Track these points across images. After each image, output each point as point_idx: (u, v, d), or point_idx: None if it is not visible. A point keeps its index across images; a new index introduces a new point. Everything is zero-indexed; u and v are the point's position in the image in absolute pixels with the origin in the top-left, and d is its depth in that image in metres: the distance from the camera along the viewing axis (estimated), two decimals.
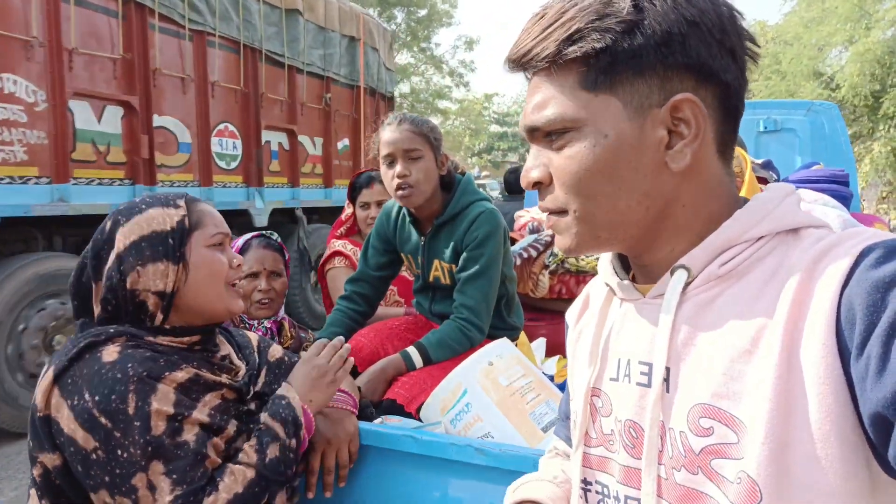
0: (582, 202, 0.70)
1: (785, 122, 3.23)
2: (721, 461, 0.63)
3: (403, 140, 1.76)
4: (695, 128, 0.67)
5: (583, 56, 0.66)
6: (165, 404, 1.06)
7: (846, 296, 0.57)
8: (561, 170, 0.70)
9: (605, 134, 0.67)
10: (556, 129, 0.70)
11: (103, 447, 1.01)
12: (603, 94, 0.67)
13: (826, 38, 14.15)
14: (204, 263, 1.19)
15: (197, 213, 1.22)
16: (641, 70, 0.66)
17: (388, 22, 25.76)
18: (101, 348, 1.09)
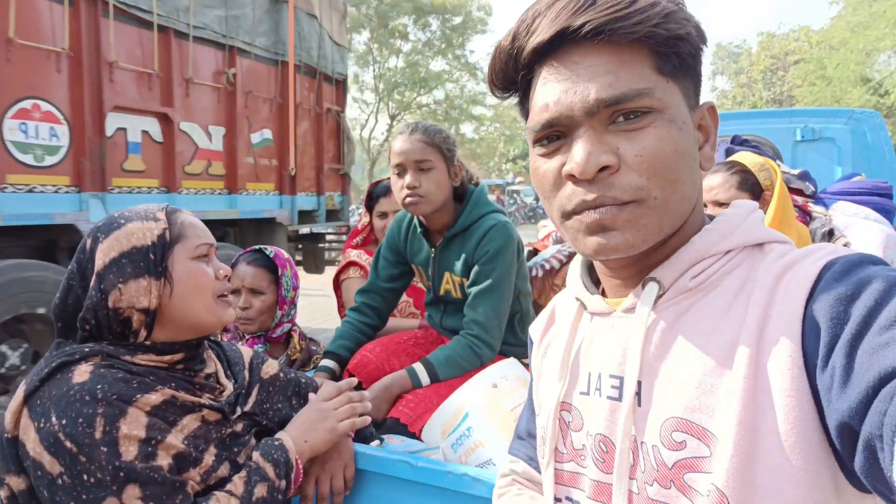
0: (664, 187, 0.65)
1: (824, 131, 3.09)
2: (694, 475, 0.63)
3: (414, 150, 1.71)
4: (714, 134, 0.71)
5: (677, 37, 0.65)
6: (136, 428, 1.02)
7: (810, 309, 0.58)
8: (648, 151, 0.64)
9: (683, 119, 0.67)
10: (643, 107, 0.64)
11: (68, 472, 0.97)
12: (672, 81, 0.67)
13: (874, 43, 13.70)
14: (189, 276, 1.15)
15: (178, 225, 1.18)
16: (693, 68, 0.68)
17: (422, 29, 25.97)
18: (73, 368, 1.05)
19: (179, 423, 1.09)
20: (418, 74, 26.26)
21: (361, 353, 1.83)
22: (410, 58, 26.32)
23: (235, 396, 1.24)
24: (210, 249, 1.20)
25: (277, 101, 5.92)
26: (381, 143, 28.11)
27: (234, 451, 1.18)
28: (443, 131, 1.76)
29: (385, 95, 26.73)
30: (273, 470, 1.16)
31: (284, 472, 1.17)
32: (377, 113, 27.55)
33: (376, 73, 26.63)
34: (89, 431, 0.98)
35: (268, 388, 1.36)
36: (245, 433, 1.24)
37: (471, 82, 27.61)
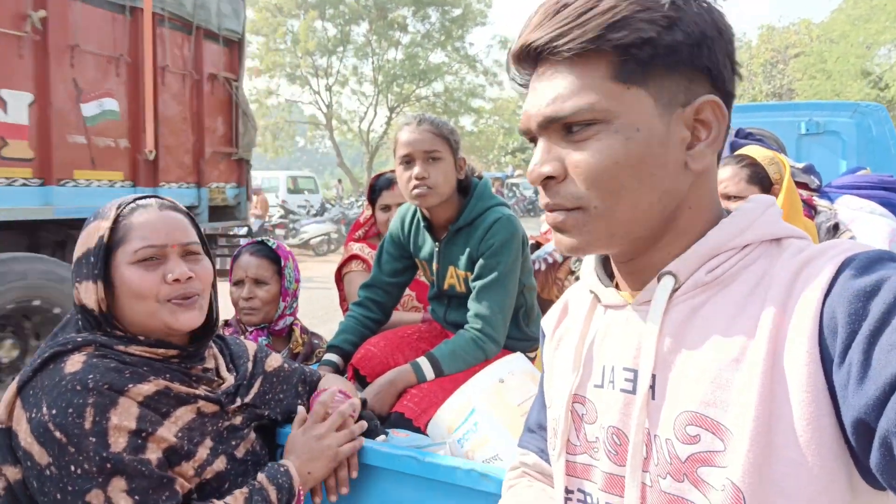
0: (604, 197, 0.67)
1: (828, 125, 3.07)
2: (707, 469, 0.63)
3: (423, 141, 1.69)
4: (716, 130, 0.68)
5: (626, 45, 0.64)
6: (126, 419, 1.01)
7: (828, 305, 0.58)
8: (585, 163, 0.67)
9: (637, 128, 0.66)
10: (583, 121, 0.67)
11: (56, 463, 0.96)
12: (635, 87, 0.66)
13: (874, 36, 13.67)
14: (124, 283, 1.11)
15: (126, 226, 1.13)
16: (674, 67, 0.66)
17: (422, 21, 25.87)
18: (66, 358, 1.05)
19: (173, 415, 1.09)
20: (417, 67, 26.16)
21: (365, 347, 1.82)
22: (410, 50, 26.22)
23: (236, 388, 1.23)
24: (162, 251, 1.14)
25: (126, 60, 4.34)
26: (380, 135, 28.04)
27: (232, 445, 1.17)
28: (448, 124, 1.76)
29: (384, 88, 26.63)
30: (276, 494, 1.14)
31: (286, 500, 1.15)
32: (376, 105, 27.47)
33: (375, 66, 26.53)
34: (79, 422, 0.97)
35: (271, 380, 1.35)
36: (244, 426, 1.23)
37: (470, 75, 27.52)
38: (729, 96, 0.70)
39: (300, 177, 20.51)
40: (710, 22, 0.66)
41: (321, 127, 28.37)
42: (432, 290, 1.96)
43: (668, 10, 0.64)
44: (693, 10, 0.66)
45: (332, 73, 26.42)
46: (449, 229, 1.77)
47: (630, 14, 0.64)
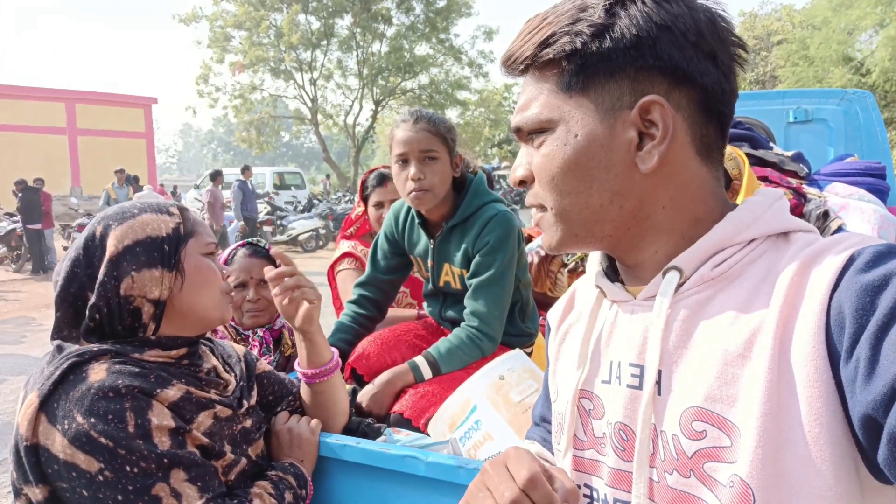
0: (556, 199, 0.72)
1: (816, 112, 3.08)
2: (714, 464, 0.63)
3: (419, 140, 1.67)
4: (662, 130, 0.68)
5: (556, 59, 0.69)
6: (164, 419, 1.04)
7: (835, 300, 0.58)
8: (538, 167, 0.73)
9: (576, 134, 0.70)
10: (535, 129, 0.73)
11: (109, 467, 0.97)
12: (577, 95, 0.69)
13: (855, 22, 13.75)
14: (200, 271, 1.18)
15: (191, 222, 1.22)
16: (612, 72, 0.68)
17: (406, 13, 25.70)
18: (86, 368, 1.04)
19: (196, 421, 1.10)
20: (403, 59, 26.00)
21: (361, 345, 1.81)
22: (394, 42, 26.05)
23: (240, 390, 1.25)
24: (216, 249, 1.24)
25: None
26: (365, 129, 27.88)
27: (244, 448, 1.19)
28: (446, 121, 1.73)
29: (369, 81, 26.47)
30: (295, 481, 1.20)
31: (303, 484, 1.22)
32: (361, 99, 27.29)
33: (360, 59, 26.35)
34: (122, 426, 0.98)
35: (262, 382, 1.38)
36: (255, 430, 1.25)
37: (455, 66, 27.40)
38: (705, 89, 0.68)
39: (286, 172, 20.41)
40: (649, 21, 0.66)
41: (306, 122, 28.17)
42: (427, 287, 1.95)
43: (597, 20, 0.67)
44: (632, 11, 0.66)
45: (317, 66, 26.21)
46: (444, 226, 1.76)
47: (558, 30, 0.69)
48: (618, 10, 0.67)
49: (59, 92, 20.72)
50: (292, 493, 1.18)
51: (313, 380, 1.36)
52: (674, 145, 0.68)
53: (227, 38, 25.06)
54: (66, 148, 20.87)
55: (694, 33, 0.67)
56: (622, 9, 0.67)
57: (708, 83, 0.68)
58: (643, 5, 0.67)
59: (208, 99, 25.66)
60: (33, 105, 18.89)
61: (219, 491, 1.06)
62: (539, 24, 0.71)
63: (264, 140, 26.59)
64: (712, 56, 0.68)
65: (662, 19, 0.66)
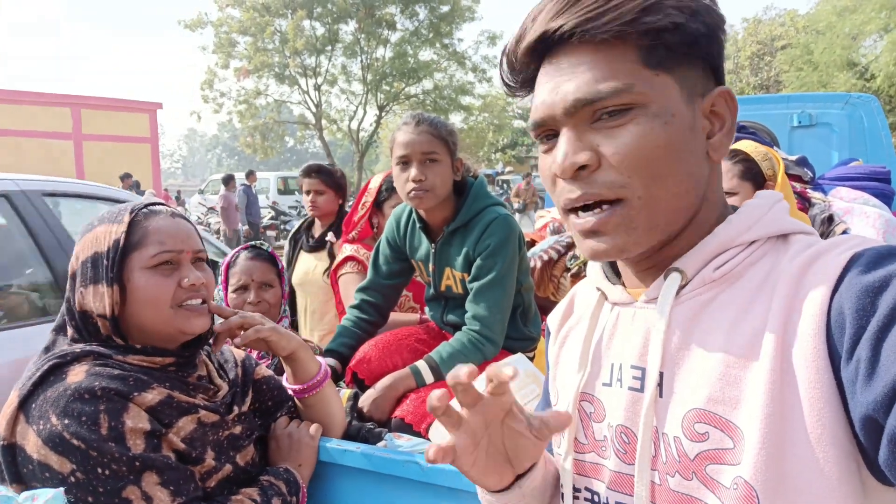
0: (648, 184, 0.65)
1: (820, 116, 3.07)
2: (717, 467, 0.63)
3: (421, 142, 1.67)
4: (729, 120, 0.69)
5: (658, 28, 0.63)
6: (140, 422, 1.03)
7: (836, 301, 0.58)
8: (626, 148, 0.64)
9: (672, 113, 0.65)
10: (621, 104, 0.64)
11: (81, 468, 0.97)
12: (663, 73, 0.65)
13: (860, 27, 13.74)
14: (140, 287, 1.11)
15: (141, 230, 1.13)
16: (696, 56, 0.67)
17: (410, 18, 25.77)
18: (67, 369, 1.05)
19: (175, 426, 1.09)
20: (406, 64, 26.07)
21: (363, 350, 1.81)
22: (398, 48, 26.12)
23: (231, 396, 1.24)
24: (177, 256, 1.15)
25: None
26: (369, 134, 27.93)
27: (231, 455, 1.17)
28: (448, 124, 1.73)
29: (373, 86, 26.54)
30: (285, 487, 1.19)
31: (295, 490, 1.21)
32: (365, 104, 27.36)
33: (364, 64, 26.43)
34: (94, 428, 0.98)
35: (261, 388, 1.37)
36: (244, 437, 1.23)
37: (459, 72, 27.46)
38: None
39: (290, 177, 20.43)
40: (718, 19, 0.67)
41: (310, 127, 28.23)
42: (429, 291, 1.94)
43: (689, 2, 0.64)
44: (704, 4, 0.66)
45: (321, 72, 26.29)
46: (445, 230, 1.76)
47: (655, 2, 0.63)
48: None
49: (65, 97, 20.84)
50: (281, 499, 1.17)
51: (302, 395, 1.36)
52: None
53: (231, 43, 25.17)
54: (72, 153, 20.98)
55: (723, 40, 0.69)
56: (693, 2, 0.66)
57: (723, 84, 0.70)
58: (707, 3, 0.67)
59: (213, 104, 25.76)
60: (39, 110, 19.00)
61: (193, 496, 1.05)
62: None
63: (269, 145, 26.66)
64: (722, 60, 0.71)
65: (720, 19, 0.68)
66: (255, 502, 1.12)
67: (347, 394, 1.65)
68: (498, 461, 0.71)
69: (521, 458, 0.71)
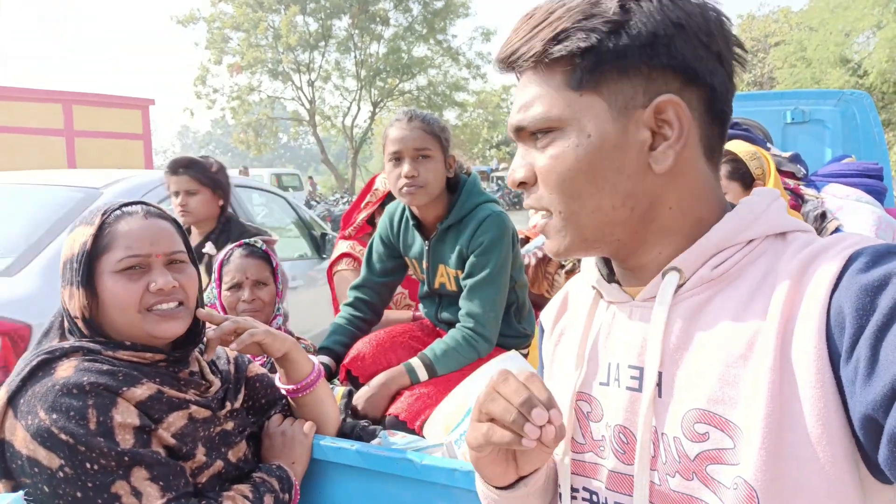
0: (566, 202, 0.69)
1: (813, 113, 3.08)
2: (717, 467, 0.63)
3: (413, 138, 1.67)
4: (678, 129, 0.66)
5: (568, 55, 0.66)
6: (129, 416, 1.02)
7: (835, 300, 0.57)
8: (545, 169, 0.70)
9: (588, 133, 0.67)
10: (541, 129, 0.69)
11: (69, 463, 0.97)
12: (588, 93, 0.67)
13: (853, 24, 13.78)
14: (107, 292, 1.11)
15: (110, 234, 1.12)
16: (626, 70, 0.66)
17: (404, 14, 25.71)
18: (55, 364, 1.04)
19: (165, 421, 1.09)
20: (400, 60, 26.02)
21: (356, 347, 1.80)
22: (392, 44, 26.06)
23: (224, 391, 1.23)
24: (146, 260, 1.13)
25: None
26: (363, 130, 27.88)
27: (222, 451, 1.17)
28: (440, 121, 1.73)
29: (367, 82, 26.48)
30: (278, 484, 1.18)
31: (288, 487, 1.20)
32: (359, 100, 27.30)
33: (357, 60, 26.36)
34: (83, 423, 0.98)
35: (254, 385, 1.36)
36: (236, 433, 1.23)
37: (453, 68, 27.43)
38: (714, 90, 0.67)
39: (284, 174, 20.38)
40: (663, 20, 0.64)
41: (304, 123, 28.18)
42: (423, 288, 1.94)
43: (612, 16, 0.65)
44: (646, 8, 0.65)
45: (315, 68, 26.23)
46: (438, 227, 1.75)
47: (570, 25, 0.65)
48: (632, 6, 0.65)
49: (57, 93, 20.68)
50: (273, 496, 1.16)
51: (296, 394, 1.35)
52: (685, 145, 0.67)
53: (224, 39, 25.08)
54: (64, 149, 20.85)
55: (705, 33, 0.66)
56: (636, 4, 0.65)
57: (716, 83, 0.67)
58: (658, 2, 0.65)
59: (206, 100, 25.67)
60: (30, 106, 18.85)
61: (183, 491, 1.04)
62: (546, 19, 0.67)
63: (262, 141, 26.59)
64: (719, 56, 0.67)
65: (678, 17, 0.65)
66: (248, 499, 1.12)
67: (342, 391, 1.64)
68: (506, 459, 0.74)
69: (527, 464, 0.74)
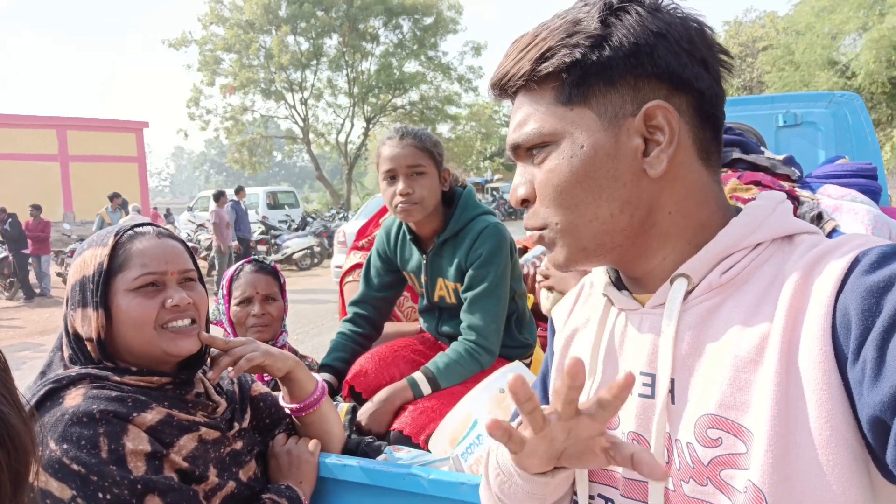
0: (563, 213, 0.71)
1: (805, 116, 3.09)
2: (731, 471, 0.63)
3: (406, 156, 1.67)
4: (669, 133, 0.68)
5: (555, 71, 0.69)
6: (140, 443, 1.01)
7: (841, 302, 0.58)
8: (542, 183, 0.72)
9: (581, 145, 0.69)
10: (536, 144, 0.72)
11: (81, 493, 0.96)
12: (578, 107, 0.69)
13: (839, 26, 13.90)
14: (123, 310, 1.10)
15: (125, 253, 1.13)
16: (613, 81, 0.68)
17: (394, 30, 25.88)
18: (63, 393, 1.04)
19: (177, 444, 1.08)
20: (392, 76, 26.16)
21: (359, 362, 1.80)
22: (383, 60, 26.21)
23: (231, 412, 1.22)
24: (162, 278, 1.14)
25: None
26: (357, 146, 27.95)
27: (234, 472, 1.16)
28: (432, 136, 1.73)
29: (359, 99, 26.59)
30: None
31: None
32: (353, 117, 27.42)
33: (349, 77, 26.49)
34: (94, 451, 0.97)
35: (258, 405, 1.36)
36: (246, 453, 1.22)
37: (445, 82, 27.57)
38: (702, 94, 0.69)
39: (279, 192, 20.38)
40: (645, 30, 0.67)
41: (298, 141, 28.24)
42: (422, 302, 1.94)
43: (594, 31, 0.67)
44: (627, 21, 0.67)
45: (307, 86, 26.34)
46: (435, 241, 1.75)
47: (555, 44, 0.68)
48: (612, 21, 0.68)
49: (51, 119, 20.73)
50: None
51: (300, 413, 1.34)
52: (679, 149, 0.69)
53: (217, 61, 25.20)
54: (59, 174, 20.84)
55: (686, 41, 0.68)
56: (617, 19, 0.68)
57: (703, 87, 0.69)
58: (637, 15, 0.68)
59: (200, 121, 25.77)
60: (25, 133, 18.89)
61: None
62: (532, 42, 0.71)
63: (256, 160, 26.66)
64: (704, 62, 0.69)
65: (658, 27, 0.67)
66: None
67: (345, 408, 1.64)
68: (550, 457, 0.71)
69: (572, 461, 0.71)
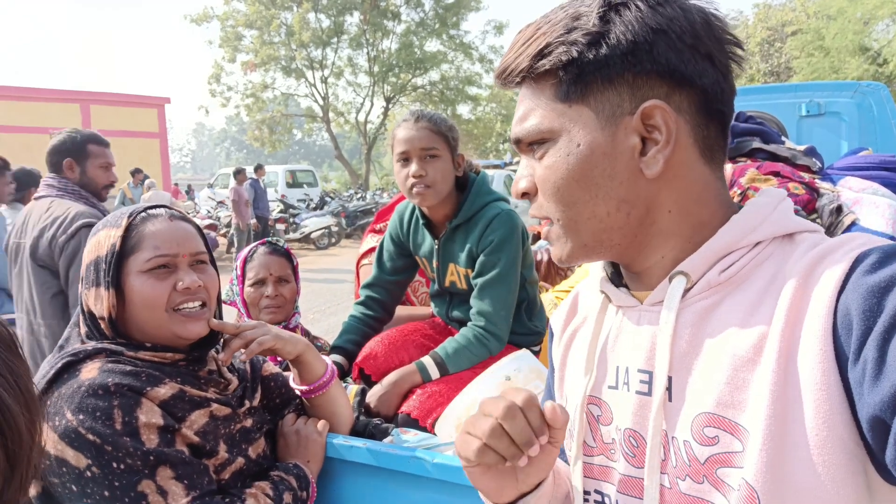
0: (562, 210, 0.71)
1: (829, 105, 3.03)
2: (727, 470, 0.63)
3: (420, 138, 1.67)
4: (666, 134, 0.67)
5: (553, 69, 0.69)
6: (153, 417, 1.05)
7: (842, 301, 0.57)
8: (541, 179, 0.72)
9: (578, 143, 0.69)
10: (535, 140, 0.72)
11: (96, 462, 0.99)
12: (576, 104, 0.69)
13: (872, 12, 13.53)
14: (135, 292, 1.13)
15: (137, 235, 1.15)
16: (611, 79, 0.67)
17: (415, 9, 25.65)
18: (80, 367, 1.07)
19: (188, 419, 1.11)
20: (413, 56, 25.99)
21: (369, 345, 1.82)
22: (404, 39, 26.04)
23: (242, 389, 1.25)
24: (173, 260, 1.15)
25: None
26: (377, 126, 27.91)
27: (243, 448, 1.19)
28: (447, 120, 1.73)
29: (380, 78, 26.48)
30: (296, 482, 1.20)
31: (305, 485, 1.22)
32: (372, 96, 27.33)
33: (370, 56, 26.37)
34: (109, 423, 1.00)
35: (269, 384, 1.38)
36: (255, 430, 1.25)
37: (466, 62, 27.34)
38: (705, 91, 0.67)
39: (298, 170, 20.47)
40: (645, 26, 0.65)
41: (318, 119, 28.25)
42: (433, 287, 1.95)
43: (592, 28, 0.66)
44: (626, 17, 0.66)
45: (328, 64, 26.27)
46: (448, 226, 1.76)
47: (553, 40, 0.68)
48: (612, 17, 0.66)
49: (74, 93, 20.95)
50: (292, 494, 1.18)
51: (310, 395, 1.37)
52: (677, 148, 0.68)
53: (238, 37, 25.19)
54: None
55: (690, 35, 0.66)
56: (616, 15, 0.66)
57: (707, 84, 0.67)
58: (637, 10, 0.66)
59: (220, 98, 25.84)
60: (49, 107, 19.12)
61: (207, 489, 1.07)
62: (532, 35, 0.70)
63: (276, 138, 26.72)
64: (709, 56, 0.67)
65: (658, 23, 0.66)
66: (269, 496, 1.14)
67: (355, 390, 1.66)
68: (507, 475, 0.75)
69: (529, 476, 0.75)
